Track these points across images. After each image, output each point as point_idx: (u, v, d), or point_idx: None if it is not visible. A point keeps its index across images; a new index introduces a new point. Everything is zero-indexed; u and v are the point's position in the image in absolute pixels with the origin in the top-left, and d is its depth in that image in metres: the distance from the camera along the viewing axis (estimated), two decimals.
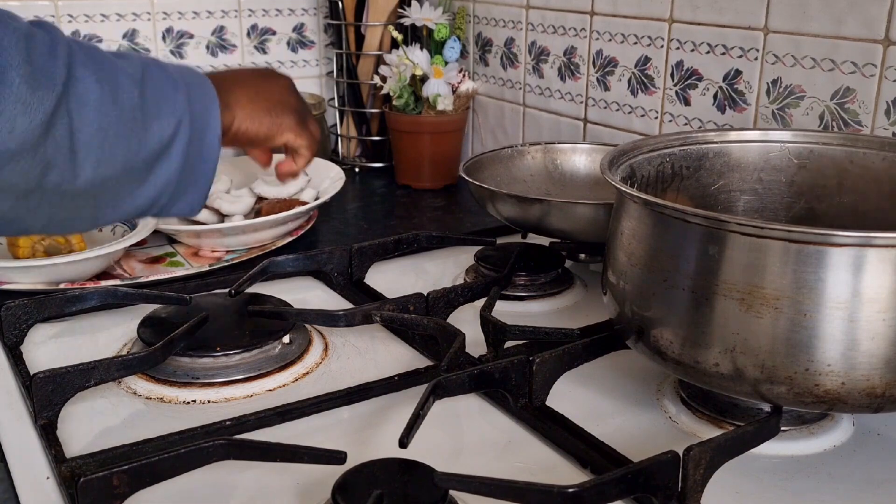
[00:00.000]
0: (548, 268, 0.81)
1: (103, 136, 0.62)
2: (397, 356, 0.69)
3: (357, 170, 1.28)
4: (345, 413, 0.61)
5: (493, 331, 0.66)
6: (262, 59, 1.32)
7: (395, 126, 1.18)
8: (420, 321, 0.67)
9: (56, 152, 0.60)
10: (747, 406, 0.58)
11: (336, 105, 1.30)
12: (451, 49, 1.17)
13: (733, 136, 0.70)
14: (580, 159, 0.95)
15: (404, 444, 0.48)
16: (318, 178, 1.03)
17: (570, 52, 1.06)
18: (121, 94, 0.64)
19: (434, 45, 1.17)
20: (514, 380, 0.58)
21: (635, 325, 0.56)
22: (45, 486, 0.52)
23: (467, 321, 0.69)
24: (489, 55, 1.20)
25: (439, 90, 1.14)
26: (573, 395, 0.62)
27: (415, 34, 1.21)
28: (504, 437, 0.58)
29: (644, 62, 0.96)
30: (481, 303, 0.70)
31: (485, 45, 1.20)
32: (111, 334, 0.73)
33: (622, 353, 0.62)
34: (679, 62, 0.92)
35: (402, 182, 1.20)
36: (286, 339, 0.68)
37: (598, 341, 0.63)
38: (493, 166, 0.92)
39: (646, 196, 0.54)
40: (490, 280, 0.76)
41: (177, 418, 0.60)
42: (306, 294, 0.82)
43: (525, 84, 1.14)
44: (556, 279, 0.81)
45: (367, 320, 0.68)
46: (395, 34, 1.16)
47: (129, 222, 0.89)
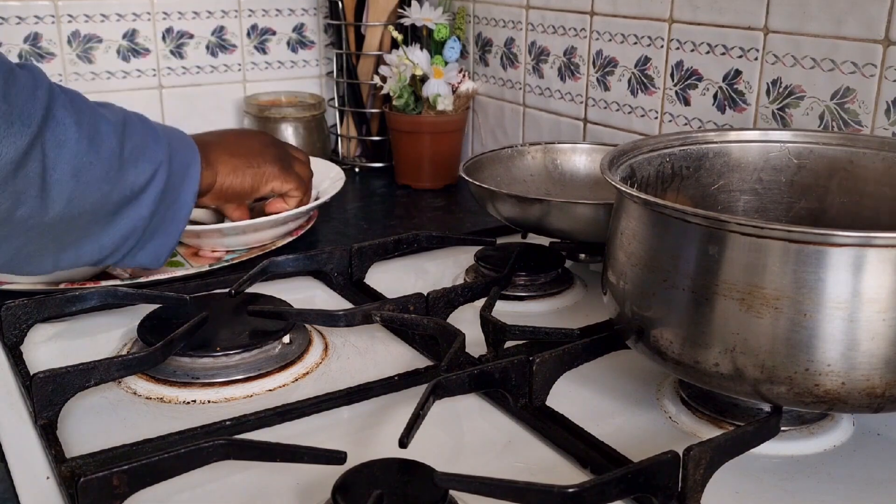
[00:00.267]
0: (548, 268, 0.81)
1: (77, 176, 0.63)
2: (397, 356, 0.69)
3: (357, 170, 1.28)
4: (345, 413, 0.61)
5: (493, 331, 0.66)
6: (263, 59, 1.32)
7: (395, 126, 1.18)
8: (420, 321, 0.67)
9: (27, 188, 0.61)
10: (747, 406, 0.58)
11: (336, 105, 1.30)
12: (451, 49, 1.17)
13: (733, 136, 0.70)
14: (580, 159, 0.95)
15: (404, 444, 0.48)
16: (318, 178, 1.02)
17: (570, 52, 1.06)
18: (100, 139, 0.65)
19: (434, 46, 1.17)
20: (514, 380, 0.58)
21: (635, 325, 0.56)
22: (45, 486, 0.52)
23: (467, 321, 0.69)
24: (489, 55, 1.20)
25: (439, 90, 1.14)
26: (573, 395, 0.62)
27: (415, 34, 1.21)
28: (504, 437, 0.58)
29: (644, 62, 0.96)
30: (481, 303, 0.70)
31: (485, 45, 1.20)
32: (111, 334, 0.73)
33: (622, 353, 0.62)
34: (679, 62, 0.92)
35: (402, 182, 1.20)
36: (286, 339, 0.68)
37: (598, 341, 0.63)
38: (493, 166, 0.92)
39: (646, 196, 0.54)
40: (490, 280, 0.76)
41: (177, 418, 0.60)
42: (306, 294, 0.82)
43: (525, 84, 1.14)
44: (556, 279, 0.81)
45: (367, 320, 0.68)
46: (395, 34, 1.16)
47: None
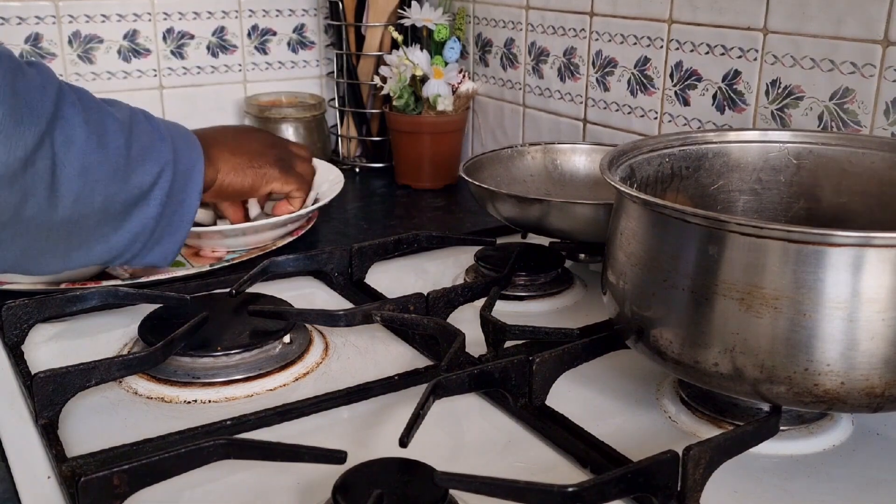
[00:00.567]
0: (548, 268, 0.81)
1: (85, 175, 0.63)
2: (397, 356, 0.69)
3: (357, 170, 1.28)
4: (345, 413, 0.61)
5: (493, 331, 0.66)
6: (263, 60, 1.32)
7: (396, 126, 1.18)
8: (420, 321, 0.67)
9: (36, 185, 0.60)
10: (747, 406, 0.58)
11: (336, 105, 1.30)
12: (451, 50, 1.17)
13: (732, 136, 0.70)
14: (580, 159, 0.95)
15: (404, 443, 0.48)
16: (318, 180, 1.02)
17: (569, 52, 1.06)
18: (107, 138, 0.65)
19: (434, 46, 1.17)
20: (513, 379, 0.58)
21: (635, 324, 0.57)
22: (46, 486, 0.52)
23: (467, 321, 0.69)
24: (489, 56, 1.20)
25: (439, 90, 1.14)
26: (573, 395, 0.62)
27: (415, 35, 1.21)
28: (504, 437, 0.58)
29: (643, 63, 0.96)
30: (481, 303, 0.70)
31: (485, 45, 1.20)
32: (112, 334, 0.73)
33: (622, 353, 0.62)
34: (678, 63, 0.92)
35: (402, 182, 1.20)
36: (286, 338, 0.68)
37: (598, 341, 0.63)
38: (493, 166, 0.92)
39: (645, 196, 0.54)
40: (490, 280, 0.76)
41: (177, 418, 0.60)
42: (306, 294, 0.82)
43: (525, 84, 1.14)
44: (555, 279, 0.81)
45: (367, 320, 0.68)
46: (396, 35, 1.16)
47: None
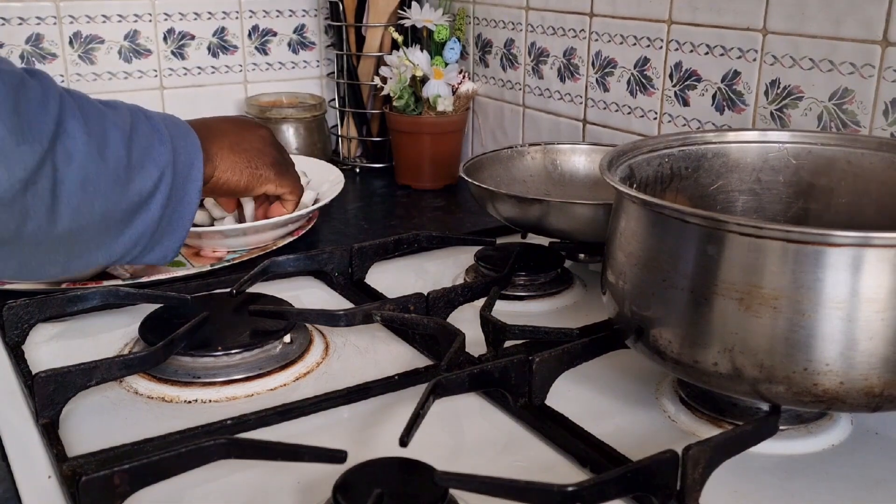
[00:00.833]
0: (547, 268, 0.81)
1: (85, 187, 0.62)
2: (397, 356, 0.69)
3: (357, 170, 1.28)
4: (345, 412, 0.61)
5: (493, 330, 0.66)
6: (264, 60, 1.32)
7: (396, 127, 1.18)
8: (420, 321, 0.67)
9: (36, 204, 0.59)
10: (746, 405, 0.58)
11: (337, 106, 1.30)
12: (451, 50, 1.17)
13: (732, 136, 0.70)
14: (580, 160, 0.95)
15: (404, 443, 0.48)
16: (318, 180, 1.03)
17: (569, 53, 1.06)
18: (108, 148, 0.64)
19: (434, 47, 1.18)
20: (513, 379, 0.58)
21: (634, 324, 0.57)
22: (47, 486, 0.53)
23: (467, 321, 0.69)
24: (489, 56, 1.20)
25: (439, 91, 1.14)
26: (573, 395, 0.62)
27: (415, 35, 1.21)
28: (504, 437, 0.58)
29: (643, 63, 0.96)
30: (481, 303, 0.71)
31: (485, 46, 1.20)
32: (112, 334, 0.73)
33: (621, 353, 0.63)
34: (678, 63, 0.92)
35: (402, 182, 1.20)
36: (287, 338, 0.68)
37: (598, 341, 0.63)
38: (492, 166, 0.92)
39: (645, 196, 0.54)
40: (490, 280, 0.76)
41: (178, 417, 0.60)
42: (307, 294, 0.82)
43: (525, 85, 1.14)
44: (555, 279, 0.81)
45: (367, 320, 0.68)
46: (396, 35, 1.16)
47: None
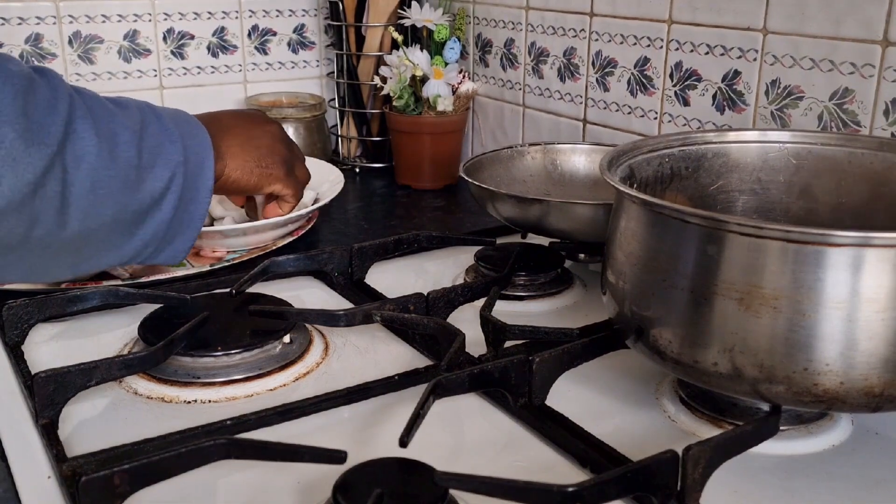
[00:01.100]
0: (547, 268, 0.81)
1: (95, 190, 0.60)
2: (397, 356, 0.69)
3: (357, 170, 1.28)
4: (345, 412, 0.61)
5: (493, 330, 0.66)
6: (263, 60, 1.32)
7: (396, 126, 1.18)
8: (420, 321, 0.67)
9: (45, 208, 0.58)
10: (746, 405, 0.58)
11: (336, 106, 1.30)
12: (451, 50, 1.17)
13: (732, 136, 0.70)
14: (580, 160, 0.95)
15: (404, 443, 0.48)
16: (318, 180, 1.03)
17: (569, 52, 1.06)
18: (118, 149, 0.62)
19: (434, 46, 1.18)
20: (513, 379, 0.58)
21: (634, 324, 0.57)
22: (47, 486, 0.53)
23: (467, 321, 0.69)
24: (489, 56, 1.20)
25: (439, 91, 1.14)
26: (573, 395, 0.62)
27: (415, 35, 1.21)
28: (504, 437, 0.58)
29: (643, 63, 0.96)
30: (481, 303, 0.70)
31: (485, 46, 1.20)
32: (112, 334, 0.73)
33: (621, 353, 0.62)
34: (678, 63, 0.92)
35: (402, 182, 1.20)
36: (287, 338, 0.68)
37: (598, 341, 0.63)
38: (493, 166, 0.92)
39: (645, 196, 0.54)
40: (490, 280, 0.76)
41: (178, 418, 0.60)
42: (307, 294, 0.82)
43: (525, 85, 1.14)
44: (555, 279, 0.81)
45: (367, 320, 0.68)
46: (396, 35, 1.16)
47: None
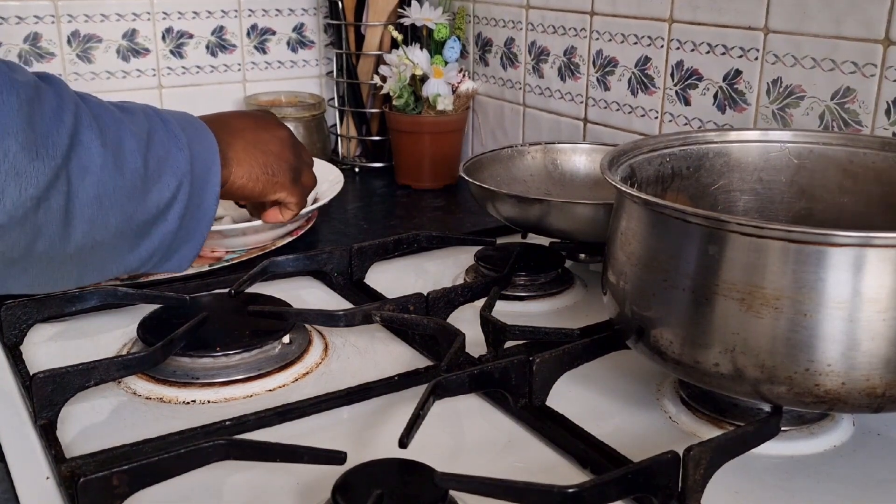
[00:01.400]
0: (548, 268, 0.81)
1: (101, 202, 0.59)
2: (397, 356, 0.69)
3: (357, 170, 1.28)
4: (345, 413, 0.61)
5: (493, 331, 0.66)
6: (262, 59, 1.32)
7: (395, 126, 1.18)
8: (420, 321, 0.67)
9: (49, 221, 0.56)
10: (747, 406, 0.58)
11: (336, 105, 1.30)
12: (451, 49, 1.17)
13: (733, 136, 0.70)
14: (580, 159, 0.95)
15: (404, 444, 0.48)
16: (318, 180, 1.02)
17: (570, 52, 1.06)
18: (125, 159, 0.61)
19: (434, 45, 1.17)
20: (514, 380, 0.58)
21: (635, 325, 0.56)
22: (45, 486, 0.52)
23: (467, 321, 0.69)
24: (489, 55, 1.20)
25: (439, 90, 1.14)
26: (573, 395, 0.62)
27: (415, 34, 1.21)
28: (504, 437, 0.58)
29: (644, 62, 0.96)
30: (481, 303, 0.70)
31: (485, 45, 1.20)
32: (111, 334, 0.73)
33: (622, 353, 0.62)
34: (679, 62, 0.92)
35: (402, 182, 1.20)
36: (286, 339, 0.68)
37: (598, 341, 0.63)
38: (493, 166, 0.92)
39: (646, 196, 0.54)
40: (490, 280, 0.76)
41: (177, 418, 0.60)
42: (306, 294, 0.82)
43: (525, 84, 1.14)
44: (556, 279, 0.81)
45: (367, 320, 0.68)
46: (395, 34, 1.16)
47: None
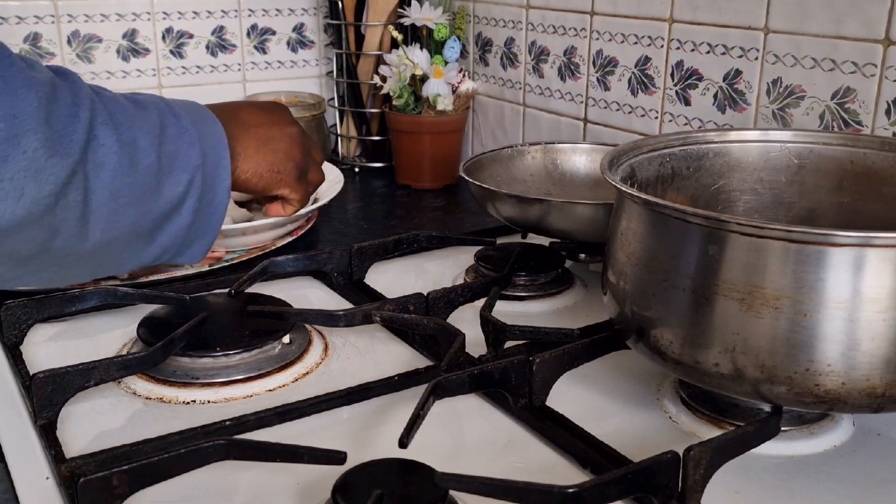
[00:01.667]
0: (548, 268, 0.81)
1: (116, 199, 0.59)
2: (397, 356, 0.69)
3: (357, 170, 1.28)
4: (345, 413, 0.61)
5: (493, 331, 0.66)
6: (262, 59, 1.32)
7: (395, 126, 1.18)
8: (420, 321, 0.67)
9: (66, 217, 0.57)
10: (747, 406, 0.58)
11: (336, 105, 1.30)
12: (451, 49, 1.17)
13: (733, 136, 0.70)
14: (580, 159, 0.95)
15: (404, 444, 0.48)
16: None
17: (570, 51, 1.06)
18: (139, 155, 0.61)
19: (434, 45, 1.17)
20: (514, 380, 0.58)
21: (635, 325, 0.56)
22: (45, 487, 0.52)
23: (467, 321, 0.69)
24: (489, 55, 1.20)
25: (439, 90, 1.14)
26: (573, 395, 0.62)
27: (415, 34, 1.21)
28: (504, 437, 0.58)
29: (644, 62, 0.96)
30: (481, 303, 0.70)
31: (485, 44, 1.20)
32: (111, 334, 0.73)
33: (622, 353, 0.62)
34: (679, 62, 0.92)
35: (402, 182, 1.20)
36: (286, 339, 0.68)
37: (598, 341, 0.62)
38: (493, 166, 0.92)
39: (646, 196, 0.54)
40: (490, 280, 0.76)
41: (177, 418, 0.60)
42: (306, 294, 0.82)
43: (525, 84, 1.14)
44: (556, 279, 0.81)
45: (367, 320, 0.68)
46: (395, 34, 1.16)
47: None
